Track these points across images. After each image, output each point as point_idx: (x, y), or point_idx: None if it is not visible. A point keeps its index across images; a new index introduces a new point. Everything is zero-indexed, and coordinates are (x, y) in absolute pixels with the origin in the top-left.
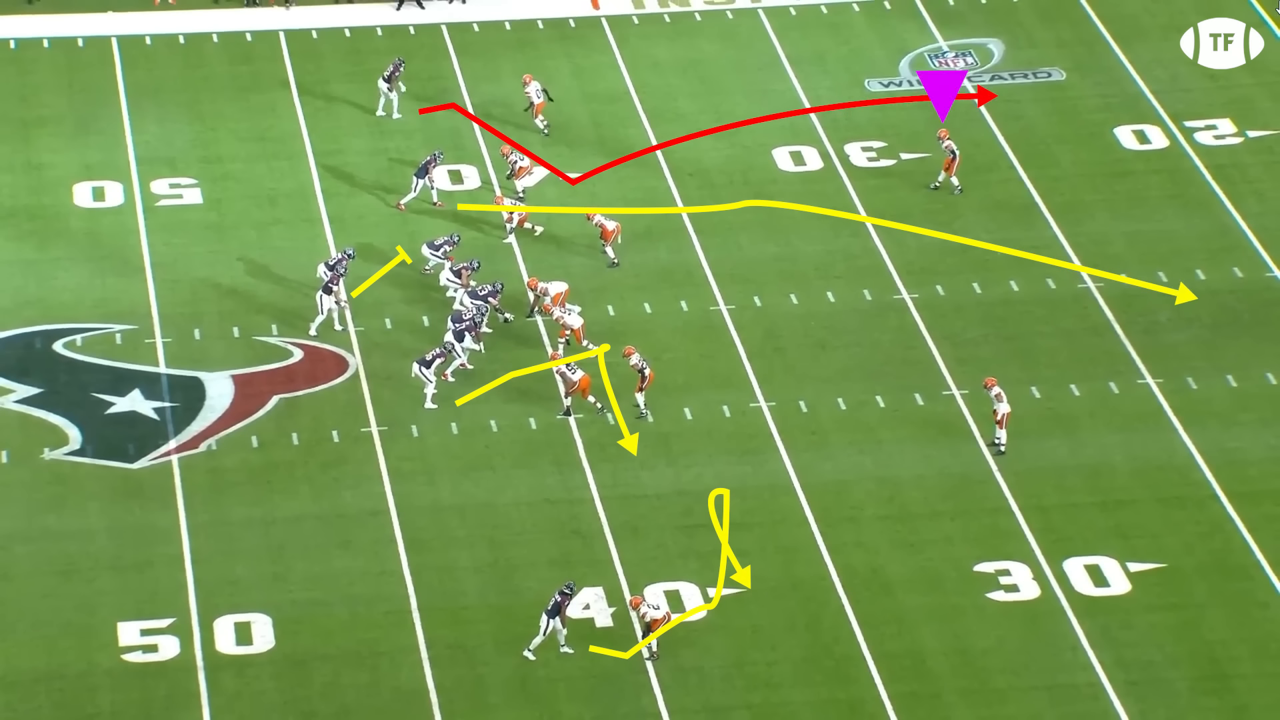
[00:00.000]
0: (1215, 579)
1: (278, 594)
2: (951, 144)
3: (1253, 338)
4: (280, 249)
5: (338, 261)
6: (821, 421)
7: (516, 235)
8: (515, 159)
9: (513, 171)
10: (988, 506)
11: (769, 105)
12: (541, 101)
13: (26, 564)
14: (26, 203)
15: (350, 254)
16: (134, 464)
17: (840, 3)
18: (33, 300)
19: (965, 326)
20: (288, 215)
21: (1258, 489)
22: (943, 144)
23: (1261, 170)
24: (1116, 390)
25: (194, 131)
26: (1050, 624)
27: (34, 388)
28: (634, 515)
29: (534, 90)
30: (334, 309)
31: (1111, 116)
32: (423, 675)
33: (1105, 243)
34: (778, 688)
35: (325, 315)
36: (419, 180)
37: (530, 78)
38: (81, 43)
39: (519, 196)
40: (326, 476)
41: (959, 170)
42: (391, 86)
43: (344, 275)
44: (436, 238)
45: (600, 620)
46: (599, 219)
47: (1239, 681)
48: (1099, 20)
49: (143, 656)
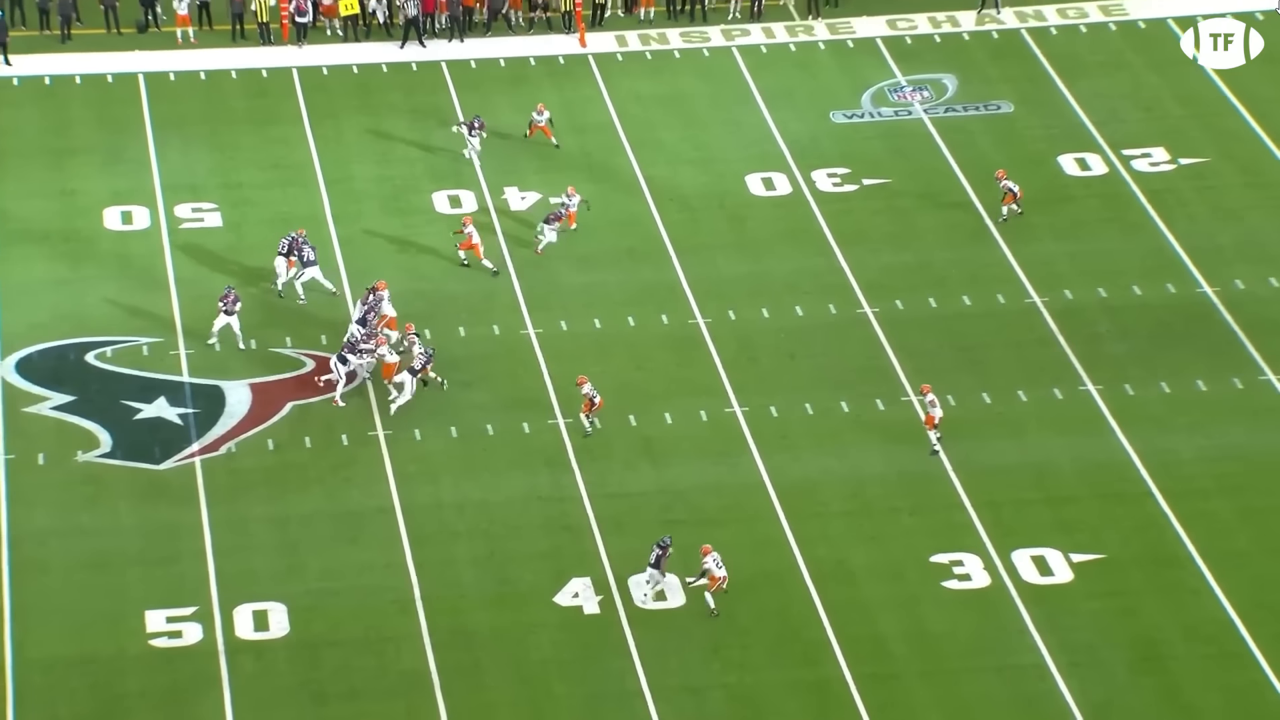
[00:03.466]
0: (1150, 569)
1: (292, 584)
2: (1009, 183)
3: (1184, 348)
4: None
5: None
6: (791, 426)
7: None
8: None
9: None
10: (943, 503)
11: (742, 136)
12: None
13: (62, 557)
14: (61, 226)
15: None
16: (160, 465)
17: (807, 42)
18: (67, 315)
19: (922, 338)
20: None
21: (1189, 487)
22: (1000, 183)
23: (1192, 194)
24: (1060, 396)
25: (214, 160)
26: (1000, 610)
27: (68, 395)
28: (619, 512)
29: (544, 118)
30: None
31: (1055, 145)
32: (425, 659)
33: (1050, 262)
34: (751, 670)
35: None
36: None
37: (543, 106)
38: (111, 79)
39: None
40: (336, 477)
41: (1022, 202)
42: (475, 134)
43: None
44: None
45: (588, 608)
46: (470, 229)
47: (1172, 662)
48: (1044, 57)
49: (168, 642)
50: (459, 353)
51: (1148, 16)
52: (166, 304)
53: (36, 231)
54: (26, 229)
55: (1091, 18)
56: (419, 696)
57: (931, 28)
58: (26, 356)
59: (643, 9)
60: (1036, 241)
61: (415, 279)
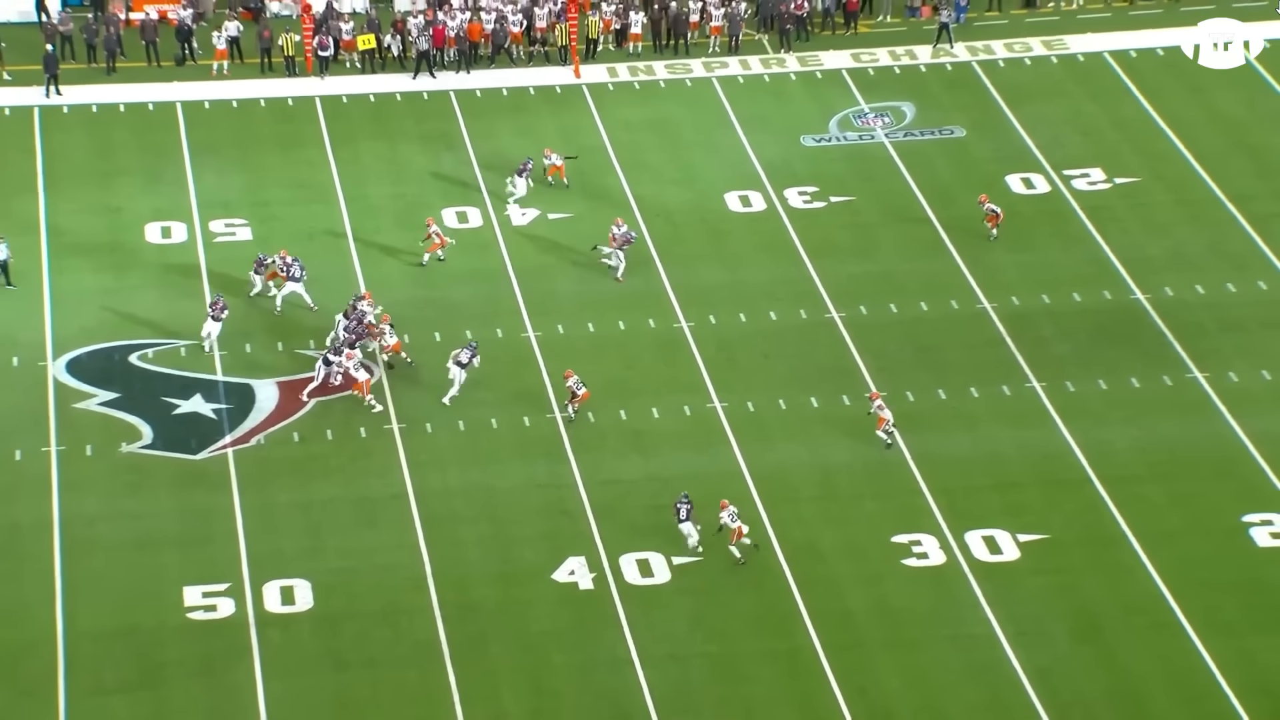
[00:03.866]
0: (1090, 548)
1: (316, 563)
2: (991, 205)
3: (1119, 349)
4: (316, 278)
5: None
6: (766, 420)
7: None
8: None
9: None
10: (903, 489)
11: (721, 158)
12: (560, 164)
13: (108, 539)
14: (107, 240)
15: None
16: (196, 456)
17: (780, 73)
18: (112, 321)
19: (884, 340)
20: (322, 249)
21: (1124, 474)
22: (983, 206)
23: (1126, 210)
24: (1008, 393)
25: (245, 180)
26: (954, 586)
27: (113, 393)
28: (610, 497)
29: (555, 158)
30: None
31: (1003, 167)
32: (436, 630)
33: (999, 271)
34: (729, 639)
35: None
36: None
37: (550, 150)
38: (151, 107)
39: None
40: (355, 466)
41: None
42: (522, 176)
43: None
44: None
45: (583, 584)
46: (434, 230)
47: (1109, 632)
48: (993, 87)
49: (204, 615)
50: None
51: (1086, 50)
52: (202, 310)
53: (85, 245)
54: (76, 243)
55: (1035, 51)
56: (430, 664)
57: (892, 60)
58: (76, 357)
59: (631, 43)
60: (986, 253)
61: (425, 287)
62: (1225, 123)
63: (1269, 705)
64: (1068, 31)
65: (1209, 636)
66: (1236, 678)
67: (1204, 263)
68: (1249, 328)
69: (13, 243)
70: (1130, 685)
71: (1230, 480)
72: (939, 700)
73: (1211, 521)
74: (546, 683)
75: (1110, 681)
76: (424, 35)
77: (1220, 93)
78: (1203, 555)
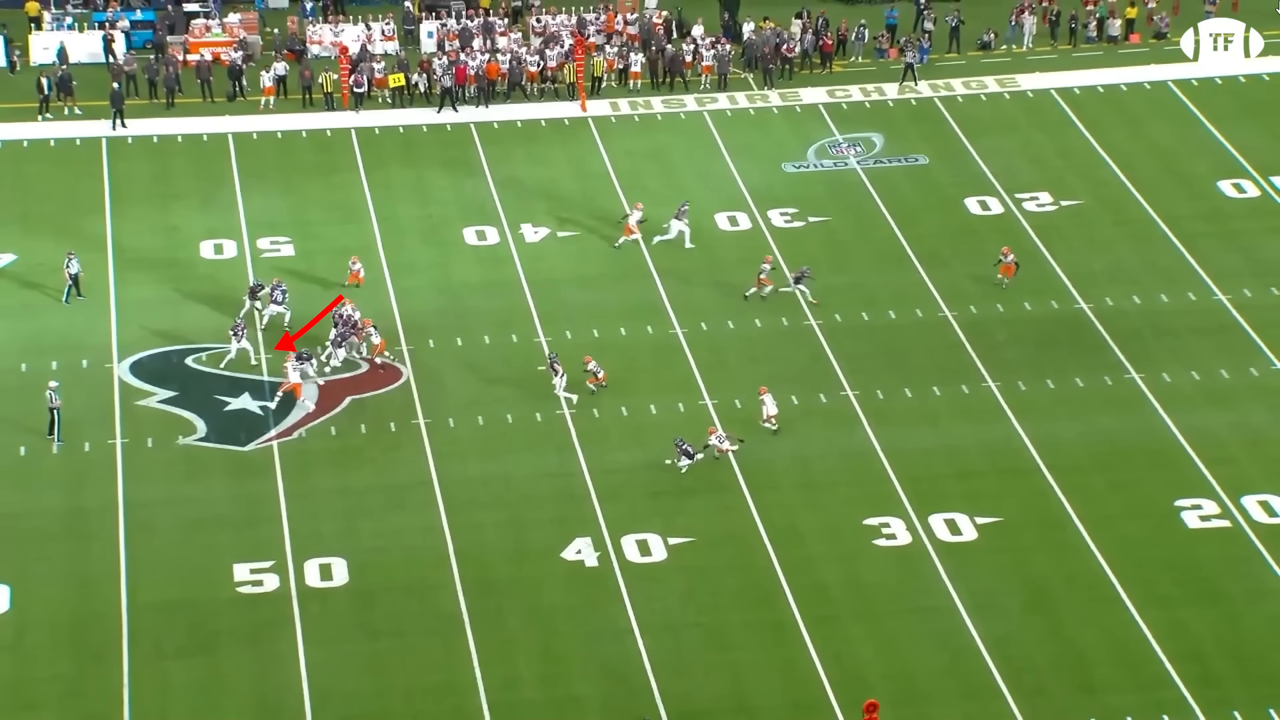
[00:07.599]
0: (1039, 529)
1: (351, 543)
2: (1013, 257)
3: (1065, 353)
4: (351, 289)
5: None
6: (752, 415)
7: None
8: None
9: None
10: (874, 476)
11: (711, 183)
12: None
13: (167, 521)
14: (165, 256)
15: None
16: (245, 448)
17: (764, 107)
18: (170, 328)
19: (856, 345)
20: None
21: (1069, 463)
22: (1006, 258)
23: (1072, 229)
24: (967, 391)
25: (288, 202)
26: (919, 563)
27: (171, 391)
28: (613, 484)
29: (634, 219)
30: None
31: (962, 190)
32: (458, 603)
33: (958, 284)
34: (720, 611)
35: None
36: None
37: (639, 205)
38: (206, 138)
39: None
40: (386, 457)
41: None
42: (681, 220)
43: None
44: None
45: (589, 562)
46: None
47: (1057, 605)
48: (953, 120)
49: (251, 589)
50: (484, 357)
51: (1035, 87)
52: (250, 318)
53: (146, 260)
54: (138, 258)
55: (990, 89)
56: (453, 634)
57: (863, 96)
58: (138, 360)
59: (632, 81)
60: (946, 268)
61: (449, 297)
62: (1158, 152)
63: (1198, 669)
64: (1019, 71)
65: (1145, 608)
66: (1170, 645)
67: (1140, 276)
68: (1180, 334)
69: (83, 258)
70: (1076, 651)
71: (1164, 469)
72: (906, 665)
73: (1147, 506)
74: (556, 650)
75: (1058, 648)
76: (447, 74)
77: (1154, 125)
78: (1140, 536)
